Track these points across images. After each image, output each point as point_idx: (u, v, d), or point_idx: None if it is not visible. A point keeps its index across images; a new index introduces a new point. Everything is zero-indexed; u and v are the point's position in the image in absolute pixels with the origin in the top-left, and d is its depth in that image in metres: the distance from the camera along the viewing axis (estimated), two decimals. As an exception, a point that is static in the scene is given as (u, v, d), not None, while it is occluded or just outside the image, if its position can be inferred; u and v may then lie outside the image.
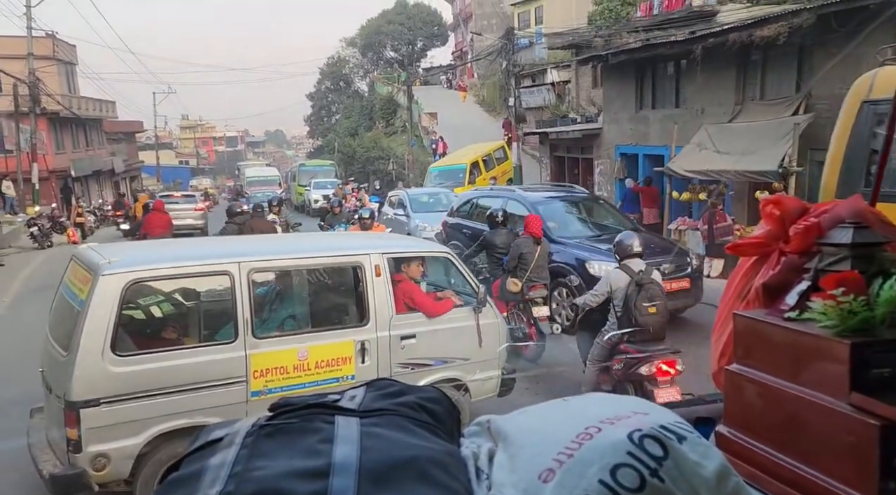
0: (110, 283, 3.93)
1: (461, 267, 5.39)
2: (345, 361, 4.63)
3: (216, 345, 4.34)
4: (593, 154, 18.05)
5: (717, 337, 1.69)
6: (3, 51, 25.39)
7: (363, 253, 4.81)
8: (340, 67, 50.51)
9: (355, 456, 0.66)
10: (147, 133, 53.63)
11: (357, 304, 4.85)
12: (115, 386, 3.89)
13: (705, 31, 12.46)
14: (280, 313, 5.00)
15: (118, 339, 3.95)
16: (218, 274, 4.37)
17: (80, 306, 4.01)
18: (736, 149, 11.54)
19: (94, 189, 35.39)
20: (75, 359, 3.82)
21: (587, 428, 0.74)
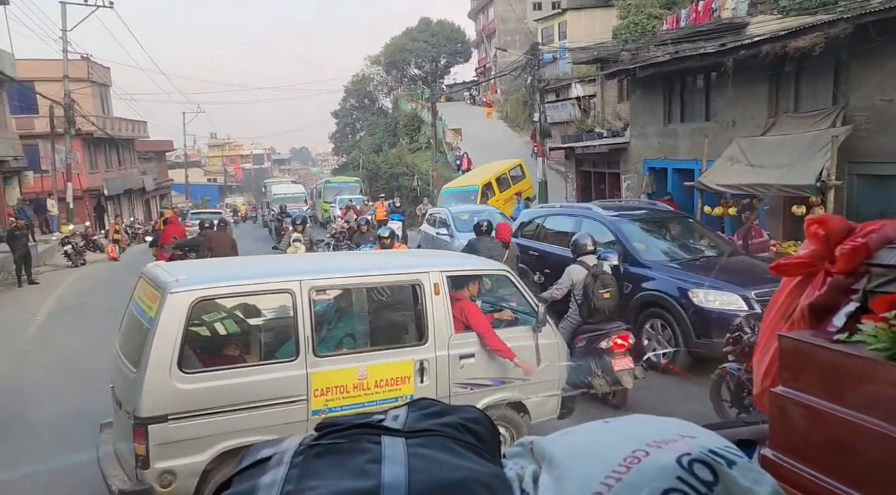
0: (178, 301, 3.99)
1: (520, 284, 5.27)
2: (404, 381, 4.59)
3: (278, 363, 4.35)
4: (620, 168, 17.86)
5: (760, 357, 1.65)
6: (41, 74, 26.14)
7: (422, 271, 4.77)
8: (365, 85, 51.08)
9: (404, 477, 0.66)
10: (176, 152, 54.72)
11: (416, 323, 4.82)
12: (181, 403, 3.93)
13: (737, 43, 12.27)
14: (340, 331, 5.00)
15: (184, 356, 4.00)
16: (280, 292, 4.39)
17: (150, 323, 4.07)
18: (770, 162, 11.28)
19: (126, 207, 36.11)
20: (144, 376, 3.88)
21: (634, 452, 0.73)
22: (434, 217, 15.39)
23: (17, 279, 15.23)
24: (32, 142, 26.84)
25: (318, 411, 4.28)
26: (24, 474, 5.13)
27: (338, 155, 57.05)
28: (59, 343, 9.74)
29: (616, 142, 17.60)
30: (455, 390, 4.74)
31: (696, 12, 17.55)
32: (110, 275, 17.34)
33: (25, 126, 27.21)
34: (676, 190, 15.34)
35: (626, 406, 6.15)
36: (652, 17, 23.85)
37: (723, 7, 16.39)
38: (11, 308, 12.86)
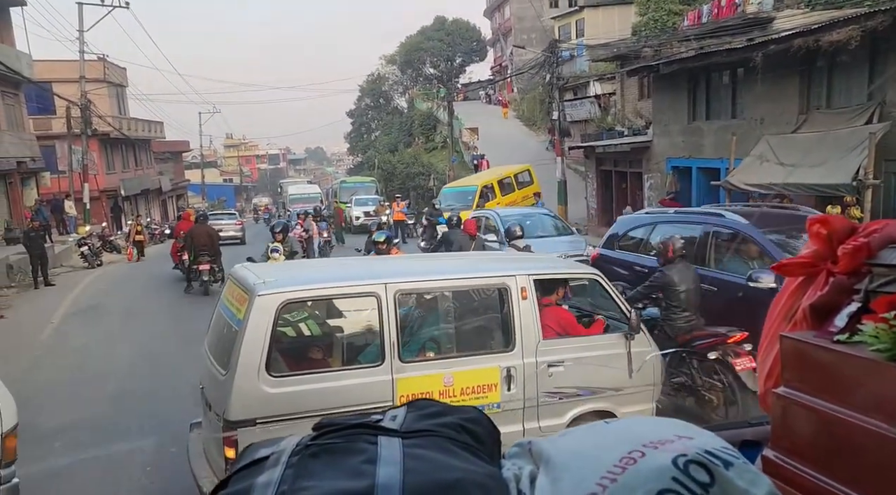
0: (266, 303, 3.93)
1: (611, 290, 5.01)
2: (490, 388, 4.43)
3: (363, 368, 4.26)
4: (642, 168, 17.47)
5: (763, 358, 1.64)
6: (58, 74, 26.23)
7: (509, 274, 4.59)
8: (380, 84, 50.85)
9: (398, 478, 0.65)
10: (193, 152, 54.94)
11: (503, 329, 4.64)
12: (269, 407, 3.85)
13: (767, 38, 11.86)
14: (424, 336, 4.83)
15: (272, 360, 3.94)
16: (365, 295, 4.30)
17: (238, 325, 4.03)
18: (802, 161, 10.89)
19: (143, 207, 36.22)
20: (233, 379, 3.83)
21: (631, 452, 0.73)
22: (479, 222, 13.67)
23: (33, 280, 15.18)
24: (49, 143, 26.96)
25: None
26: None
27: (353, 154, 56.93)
28: (73, 346, 9.60)
29: (638, 141, 17.20)
30: (543, 399, 4.57)
31: (718, 7, 17.12)
32: (126, 276, 17.27)
33: (42, 127, 27.33)
34: (701, 189, 14.96)
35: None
36: (672, 13, 23.40)
37: (748, 2, 15.95)
38: (27, 310, 12.77)
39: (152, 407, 6.76)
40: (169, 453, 5.61)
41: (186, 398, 7.26)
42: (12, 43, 23.11)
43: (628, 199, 18.58)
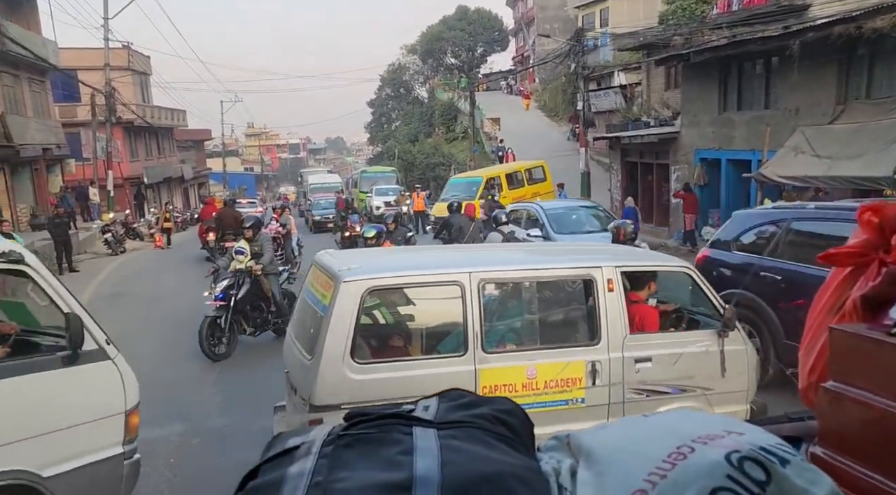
0: (351, 289, 3.94)
1: (703, 284, 4.78)
2: (574, 383, 4.34)
3: (446, 357, 4.22)
4: (669, 159, 17.11)
5: (807, 350, 1.56)
6: (83, 62, 26.42)
7: (595, 265, 4.46)
8: (401, 74, 50.69)
9: (437, 470, 0.64)
10: (214, 141, 55.28)
11: (588, 321, 4.53)
12: (353, 394, 3.87)
13: (805, 25, 11.47)
14: (508, 327, 4.74)
15: (356, 346, 3.97)
16: (449, 284, 4.23)
17: (323, 311, 4.06)
18: (839, 153, 10.55)
19: (165, 195, 36.52)
20: (319, 364, 3.88)
21: (679, 447, 0.69)
22: (519, 214, 12.72)
23: (57, 267, 15.32)
24: (74, 131, 27.21)
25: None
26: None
27: (373, 144, 56.93)
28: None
29: (665, 132, 16.84)
30: (629, 396, 4.42)
31: (750, -5, 16.67)
32: (149, 263, 17.37)
33: (68, 114, 27.59)
34: (731, 181, 14.62)
35: None
36: (701, 1, 22.91)
37: (782, -12, 15.50)
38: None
39: (176, 396, 6.71)
40: (191, 444, 5.55)
41: (211, 386, 7.23)
42: (39, 30, 23.29)
43: (654, 191, 18.25)
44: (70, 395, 3.51)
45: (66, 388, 3.49)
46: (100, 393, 3.66)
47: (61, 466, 3.44)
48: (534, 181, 20.97)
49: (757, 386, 4.90)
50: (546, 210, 11.99)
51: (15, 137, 19.08)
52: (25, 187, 21.64)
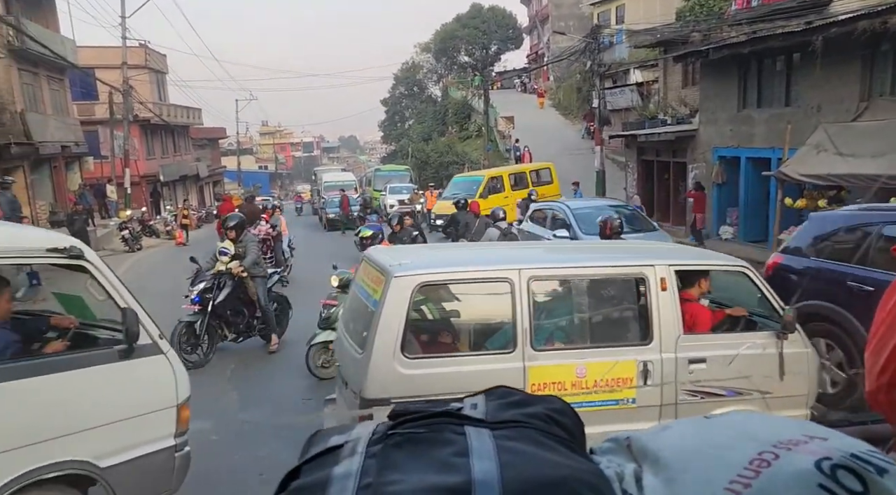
0: (402, 285, 3.98)
1: (762, 284, 4.66)
2: (625, 382, 4.28)
3: (495, 354, 4.23)
4: (687, 157, 16.95)
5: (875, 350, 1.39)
6: (100, 61, 26.66)
7: (647, 264, 4.40)
8: (414, 73, 50.65)
9: (496, 473, 0.60)
10: (229, 139, 55.61)
11: (639, 321, 4.46)
12: (403, 388, 3.89)
13: (828, 20, 11.29)
14: (557, 325, 4.70)
15: (406, 341, 4.00)
16: (499, 280, 4.25)
17: (374, 306, 4.10)
18: (863, 150, 10.36)
19: (181, 193, 36.79)
20: (370, 358, 3.92)
21: (761, 453, 0.64)
22: (544, 214, 12.29)
23: (76, 262, 15.46)
24: (93, 128, 27.45)
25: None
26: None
27: (386, 143, 56.97)
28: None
29: (683, 130, 16.68)
30: (682, 397, 4.35)
31: (770, -9, 16.46)
32: (166, 259, 17.48)
33: (86, 112, 27.85)
34: (750, 180, 14.45)
35: None
36: (719, -3, 22.69)
37: (803, -16, 15.28)
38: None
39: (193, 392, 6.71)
40: (210, 441, 5.55)
41: (226, 383, 7.24)
42: (57, 28, 23.52)
43: (671, 189, 18.08)
44: (126, 388, 3.60)
45: (122, 381, 3.57)
46: (153, 386, 3.73)
47: (117, 457, 3.51)
48: (540, 183, 20.63)
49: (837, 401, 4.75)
50: (573, 209, 11.39)
51: (34, 135, 19.28)
52: (45, 184, 21.87)
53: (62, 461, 3.27)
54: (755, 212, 14.58)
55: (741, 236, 14.70)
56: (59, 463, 3.26)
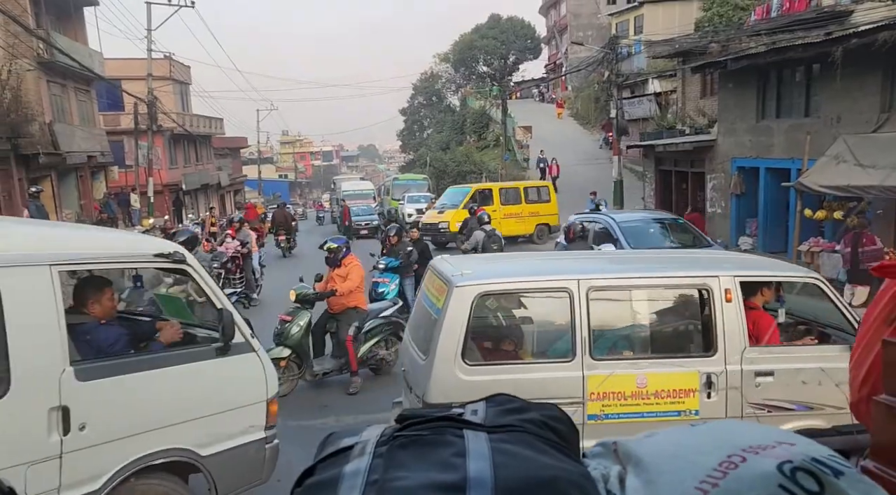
0: (463, 294, 4.12)
1: (834, 296, 4.58)
2: (688, 394, 4.24)
3: (554, 362, 4.31)
4: (705, 168, 16.88)
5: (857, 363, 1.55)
6: (126, 72, 27.25)
7: (711, 274, 4.34)
8: (433, 82, 50.96)
9: (489, 472, 0.65)
10: (250, 148, 56.32)
11: (703, 332, 4.41)
12: (463, 394, 3.94)
13: (848, 31, 11.24)
14: (617, 334, 4.69)
15: (467, 348, 4.11)
16: (558, 290, 4.32)
17: (437, 314, 4.25)
18: (883, 162, 10.28)
19: (203, 201, 37.33)
20: (432, 364, 4.08)
21: (730, 456, 0.69)
22: (584, 228, 11.10)
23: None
24: (118, 138, 28.02)
25: (594, 416, 4.13)
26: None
27: (405, 152, 57.29)
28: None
29: (701, 140, 16.63)
30: (748, 411, 4.28)
31: (789, 1, 16.40)
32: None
33: (112, 122, 28.44)
34: (769, 190, 14.36)
35: None
36: (738, 8, 22.61)
37: (823, -5, 15.22)
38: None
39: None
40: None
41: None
42: (85, 41, 24.11)
43: (689, 200, 18.00)
44: (223, 383, 3.83)
45: (219, 377, 3.81)
46: (247, 382, 3.95)
47: (215, 446, 3.74)
48: (535, 201, 19.79)
49: None
50: (619, 223, 10.54)
51: (62, 145, 19.76)
52: (71, 193, 22.36)
53: (169, 448, 3.52)
54: (774, 222, 14.48)
55: (760, 247, 14.60)
56: (166, 450, 3.50)
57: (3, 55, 17.15)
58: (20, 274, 3.01)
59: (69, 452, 3.09)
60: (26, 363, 2.97)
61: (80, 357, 3.33)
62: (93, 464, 3.21)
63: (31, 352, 3.00)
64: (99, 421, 3.22)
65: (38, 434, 3.00)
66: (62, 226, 5.74)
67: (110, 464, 3.29)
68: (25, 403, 2.97)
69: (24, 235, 3.42)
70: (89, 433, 3.17)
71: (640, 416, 4.17)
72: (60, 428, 3.07)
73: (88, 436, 3.16)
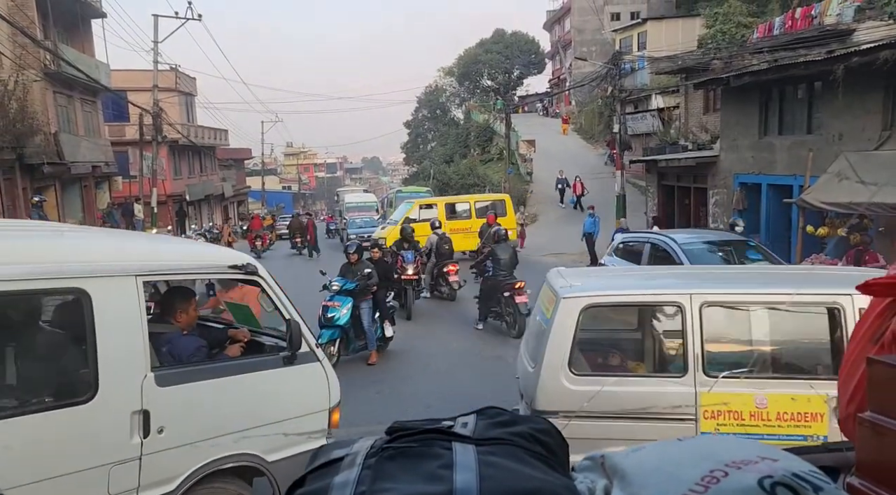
0: (570, 306, 4.18)
1: None
2: (815, 418, 4.02)
3: (665, 377, 4.28)
4: (707, 183, 16.88)
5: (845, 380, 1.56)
6: (132, 83, 27.46)
7: (844, 292, 4.04)
8: (437, 96, 51.23)
9: (475, 484, 0.66)
10: (254, 159, 56.56)
11: (832, 353, 4.15)
12: (570, 403, 4.05)
13: (850, 49, 11.28)
14: (734, 352, 4.51)
15: (574, 358, 4.17)
16: (668, 304, 4.30)
17: (546, 324, 4.35)
18: (885, 179, 10.29)
19: (205, 212, 37.44)
20: (540, 373, 4.17)
21: (713, 471, 0.71)
22: (637, 247, 10.02)
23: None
24: (123, 149, 28.19)
25: (708, 433, 3.99)
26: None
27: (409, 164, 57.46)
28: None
29: (704, 156, 16.65)
30: None
31: (791, 19, 16.46)
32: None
33: (117, 133, 28.63)
34: (772, 207, 14.35)
35: None
36: (741, 25, 22.71)
37: (825, 13, 15.28)
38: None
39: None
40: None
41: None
42: (92, 53, 24.32)
43: (691, 215, 17.99)
44: (289, 391, 3.95)
45: (286, 385, 3.93)
46: (311, 390, 4.06)
47: (280, 453, 3.81)
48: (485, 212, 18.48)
49: None
50: (681, 245, 9.08)
51: (67, 155, 19.87)
52: (74, 203, 22.45)
53: (238, 453, 3.62)
54: (777, 239, 14.43)
55: (763, 263, 14.56)
56: (235, 454, 3.60)
57: (11, 66, 17.30)
58: (110, 283, 3.14)
59: (148, 454, 3.22)
60: (112, 368, 3.10)
61: (159, 363, 3.49)
62: (169, 467, 3.32)
63: (117, 357, 3.13)
64: (176, 425, 3.34)
65: (122, 436, 3.14)
66: (144, 237, 5.98)
67: (185, 467, 3.39)
68: (111, 406, 3.10)
69: (112, 247, 3.56)
70: (167, 436, 3.30)
71: (762, 438, 3.95)
72: (141, 430, 3.20)
73: (166, 440, 3.29)
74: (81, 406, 2.99)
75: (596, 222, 17.91)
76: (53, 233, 4.03)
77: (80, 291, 3.03)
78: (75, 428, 2.98)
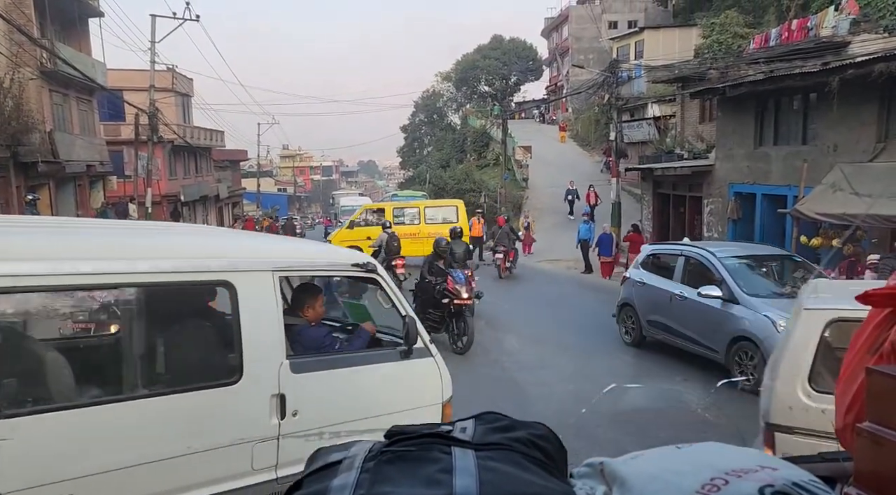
0: (811, 318, 4.03)
1: None
2: None
3: None
4: (703, 192, 16.95)
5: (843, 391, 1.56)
6: (129, 83, 27.38)
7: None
8: (435, 100, 51.34)
9: (475, 489, 0.65)
10: (250, 161, 56.44)
11: None
12: (807, 419, 3.84)
13: (845, 61, 11.36)
14: None
15: (815, 373, 3.98)
16: None
17: (786, 334, 4.26)
18: (879, 191, 10.33)
19: (200, 213, 37.31)
20: (775, 385, 4.03)
21: (713, 479, 0.71)
22: (670, 261, 9.25)
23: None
24: (118, 149, 28.06)
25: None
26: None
27: (405, 169, 57.51)
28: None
29: (699, 165, 16.73)
30: None
31: (788, 31, 16.58)
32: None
33: (112, 133, 28.50)
34: (766, 217, 14.41)
35: None
36: (738, 36, 22.85)
37: (821, 26, 15.40)
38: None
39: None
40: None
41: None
42: (89, 52, 24.26)
43: (686, 224, 18.04)
44: (405, 384, 4.13)
45: (403, 378, 4.12)
46: (426, 384, 4.21)
47: None
48: (437, 222, 18.60)
49: None
50: (723, 260, 8.20)
51: (61, 154, 19.78)
52: (68, 202, 22.34)
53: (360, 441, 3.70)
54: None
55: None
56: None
57: (7, 64, 17.23)
58: (252, 278, 3.43)
59: (284, 435, 3.48)
60: (255, 355, 3.38)
61: (293, 352, 3.75)
62: (302, 448, 3.47)
63: (259, 345, 3.41)
64: (308, 409, 3.57)
65: (263, 416, 3.42)
66: (275, 238, 6.30)
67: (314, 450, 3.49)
68: (254, 389, 3.39)
69: (250, 246, 3.87)
70: (300, 419, 3.53)
71: None
72: (279, 412, 3.46)
73: (299, 422, 3.53)
74: (231, 387, 3.31)
75: (591, 229, 17.99)
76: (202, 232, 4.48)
77: (228, 284, 3.34)
78: (225, 406, 3.30)
